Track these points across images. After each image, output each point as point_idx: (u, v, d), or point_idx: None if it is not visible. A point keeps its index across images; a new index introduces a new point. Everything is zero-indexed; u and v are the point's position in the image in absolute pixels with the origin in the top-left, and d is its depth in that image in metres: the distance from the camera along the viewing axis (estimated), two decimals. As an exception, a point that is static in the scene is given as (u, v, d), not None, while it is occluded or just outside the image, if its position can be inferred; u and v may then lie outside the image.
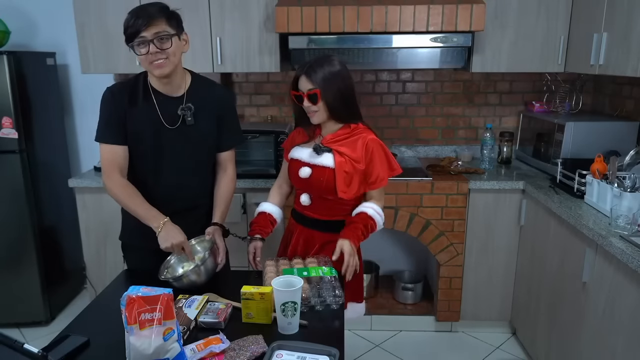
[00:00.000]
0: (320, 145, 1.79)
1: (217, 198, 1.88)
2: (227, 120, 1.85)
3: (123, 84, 1.76)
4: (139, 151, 1.75)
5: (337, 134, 1.80)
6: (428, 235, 2.71)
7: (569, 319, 2.14)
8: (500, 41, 2.72)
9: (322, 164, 1.78)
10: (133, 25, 1.57)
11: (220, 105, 1.83)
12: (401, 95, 3.21)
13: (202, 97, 1.78)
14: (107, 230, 2.74)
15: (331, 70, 1.71)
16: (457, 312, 2.83)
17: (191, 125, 1.75)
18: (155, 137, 1.73)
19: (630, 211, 1.85)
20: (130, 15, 1.59)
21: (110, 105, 1.71)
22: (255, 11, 2.72)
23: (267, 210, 1.92)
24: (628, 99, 2.74)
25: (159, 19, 1.59)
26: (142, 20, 1.56)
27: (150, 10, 1.59)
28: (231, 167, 1.92)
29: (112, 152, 1.71)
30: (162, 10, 1.62)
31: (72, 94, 3.33)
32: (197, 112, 1.75)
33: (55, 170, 3.12)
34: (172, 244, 1.61)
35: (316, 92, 1.70)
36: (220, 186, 1.89)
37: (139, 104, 1.71)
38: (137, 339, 1.13)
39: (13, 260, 2.91)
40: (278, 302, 1.33)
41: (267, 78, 3.21)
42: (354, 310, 1.96)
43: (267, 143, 2.77)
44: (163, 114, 1.72)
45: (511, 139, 3.04)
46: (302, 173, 1.80)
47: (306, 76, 1.71)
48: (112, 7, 2.73)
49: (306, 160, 1.81)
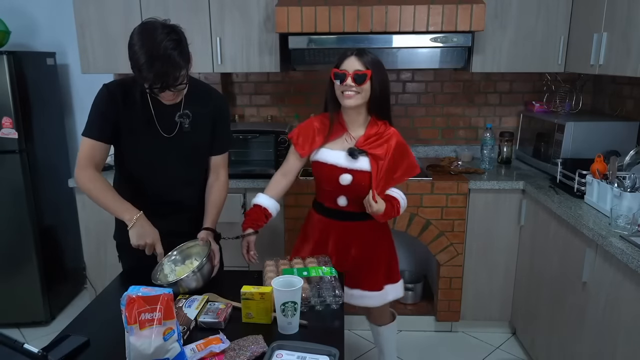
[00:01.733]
0: (354, 148, 1.79)
1: (208, 204, 1.83)
2: (221, 126, 1.82)
3: (120, 83, 1.70)
4: (132, 158, 1.73)
5: (368, 135, 1.81)
6: (428, 235, 2.71)
7: (569, 319, 2.14)
8: (500, 41, 2.72)
9: (361, 169, 1.79)
10: (157, 83, 1.49)
11: (216, 111, 1.80)
12: (401, 95, 3.21)
13: (200, 104, 1.74)
14: (107, 230, 2.71)
15: (380, 61, 1.77)
16: (457, 312, 2.83)
17: (187, 133, 1.71)
18: (151, 145, 1.70)
19: (630, 211, 1.85)
20: (149, 68, 1.46)
21: (103, 102, 1.67)
22: (255, 11, 2.72)
23: (263, 204, 1.88)
24: (628, 99, 2.74)
25: (181, 71, 1.52)
26: (166, 83, 1.50)
27: (173, 70, 1.49)
28: (223, 173, 1.88)
29: (93, 148, 1.67)
30: (182, 56, 1.51)
31: (72, 94, 3.33)
32: (194, 118, 1.71)
33: (55, 170, 3.12)
34: (146, 243, 1.60)
35: (367, 73, 1.71)
36: (212, 192, 1.85)
37: (136, 109, 1.67)
38: (137, 339, 1.13)
39: (13, 260, 2.90)
40: (278, 302, 1.33)
41: (267, 78, 3.21)
42: (395, 290, 2.04)
43: (267, 143, 2.77)
44: (160, 122, 1.69)
45: (511, 139, 3.04)
46: (344, 180, 1.81)
47: (357, 57, 1.73)
48: (112, 7, 2.73)
49: (344, 165, 1.80)
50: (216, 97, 1.83)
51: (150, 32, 1.49)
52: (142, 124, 1.68)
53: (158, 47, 1.46)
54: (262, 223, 1.86)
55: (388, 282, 2.02)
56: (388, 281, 2.02)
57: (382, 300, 2.03)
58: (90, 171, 1.66)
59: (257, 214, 1.87)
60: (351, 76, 1.72)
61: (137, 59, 1.48)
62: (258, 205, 1.89)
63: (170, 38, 1.48)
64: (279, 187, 1.96)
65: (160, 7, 2.70)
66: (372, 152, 1.79)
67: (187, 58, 1.55)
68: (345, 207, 1.89)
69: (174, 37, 1.50)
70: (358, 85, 1.72)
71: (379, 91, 1.76)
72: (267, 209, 1.88)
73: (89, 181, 1.66)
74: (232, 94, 3.24)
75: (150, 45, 1.46)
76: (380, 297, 2.02)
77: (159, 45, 1.46)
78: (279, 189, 1.96)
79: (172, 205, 1.80)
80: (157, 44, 1.46)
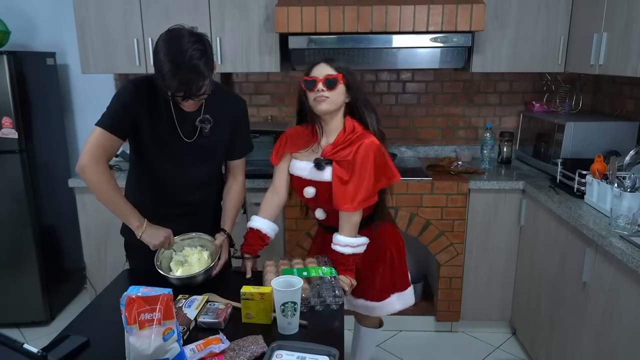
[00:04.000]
0: (321, 159, 1.72)
1: (227, 205, 1.85)
2: (240, 129, 1.82)
3: (145, 82, 1.65)
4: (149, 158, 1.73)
5: (336, 142, 1.71)
6: (428, 235, 2.71)
7: (569, 319, 2.14)
8: (500, 41, 2.72)
9: (325, 180, 1.71)
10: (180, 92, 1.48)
11: (236, 115, 1.80)
12: (401, 95, 3.21)
13: (220, 108, 1.73)
14: (107, 230, 2.74)
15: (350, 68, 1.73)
16: (457, 312, 2.83)
17: (206, 137, 1.71)
18: (171, 149, 1.70)
19: (630, 211, 1.85)
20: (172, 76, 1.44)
21: (128, 96, 1.62)
22: (255, 11, 2.72)
23: (256, 226, 1.81)
24: (628, 99, 2.74)
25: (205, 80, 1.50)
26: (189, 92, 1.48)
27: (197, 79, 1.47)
28: (241, 175, 1.89)
29: (110, 140, 1.59)
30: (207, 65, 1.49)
31: (72, 94, 3.33)
32: (214, 123, 1.71)
33: (55, 170, 3.12)
34: (165, 237, 1.64)
35: (337, 77, 1.66)
36: (231, 193, 1.86)
37: (159, 110, 1.65)
38: (137, 339, 1.13)
39: (13, 260, 2.90)
40: (278, 302, 1.33)
41: (267, 78, 3.21)
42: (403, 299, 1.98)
43: (267, 143, 2.76)
44: (181, 126, 1.68)
45: (511, 139, 3.03)
46: (307, 193, 1.76)
47: (327, 62, 1.69)
48: (112, 6, 2.73)
49: (307, 177, 1.75)
50: (236, 101, 1.82)
51: (177, 40, 1.47)
52: (164, 127, 1.67)
53: (183, 56, 1.44)
54: (258, 247, 1.79)
55: (395, 290, 1.96)
56: (395, 289, 1.96)
57: (388, 310, 1.97)
58: (102, 166, 1.58)
59: (252, 238, 1.80)
60: (322, 81, 1.66)
61: (162, 66, 1.46)
62: (251, 229, 1.82)
63: (197, 48, 1.46)
64: (271, 206, 1.87)
65: (160, 7, 2.70)
66: (337, 159, 1.69)
67: (211, 67, 1.53)
68: (325, 221, 1.85)
69: (200, 47, 1.48)
70: (329, 89, 1.65)
71: (356, 90, 1.71)
72: (261, 230, 1.80)
73: (99, 176, 1.58)
74: (232, 94, 3.24)
75: (176, 53, 1.44)
76: (386, 307, 1.96)
77: (184, 53, 1.44)
78: (271, 209, 1.87)
79: (182, 208, 1.80)
80: (183, 52, 1.44)
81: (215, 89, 1.70)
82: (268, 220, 1.83)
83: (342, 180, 1.67)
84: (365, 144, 1.67)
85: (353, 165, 1.66)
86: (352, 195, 1.66)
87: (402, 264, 1.99)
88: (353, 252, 1.72)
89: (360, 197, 1.66)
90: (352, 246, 1.72)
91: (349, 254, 1.72)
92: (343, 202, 1.67)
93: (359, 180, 1.66)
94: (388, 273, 1.93)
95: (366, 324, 2.14)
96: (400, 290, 1.99)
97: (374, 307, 1.95)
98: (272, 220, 1.85)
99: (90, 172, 1.58)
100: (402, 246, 1.99)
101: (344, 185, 1.67)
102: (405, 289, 2.00)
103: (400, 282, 1.98)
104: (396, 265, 1.95)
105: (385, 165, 1.72)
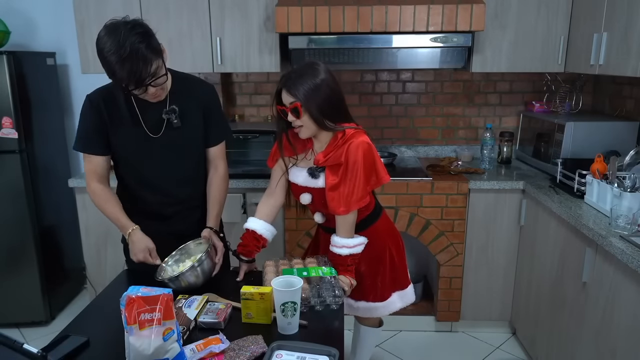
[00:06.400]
0: (314, 167, 1.71)
1: (210, 199, 1.81)
2: (213, 115, 1.78)
3: (102, 91, 1.68)
4: (126, 163, 1.73)
5: (327, 150, 1.69)
6: (428, 235, 2.71)
7: (569, 319, 2.14)
8: (500, 41, 2.72)
9: (320, 187, 1.71)
10: (132, 81, 1.47)
11: (205, 100, 1.75)
12: (401, 95, 3.21)
13: (186, 96, 1.71)
14: (107, 230, 2.74)
15: (314, 82, 1.59)
16: (457, 312, 2.83)
17: (178, 129, 1.68)
18: (140, 149, 1.68)
19: (630, 211, 1.85)
20: (120, 68, 1.44)
21: (89, 115, 1.66)
22: (255, 11, 2.72)
23: (251, 228, 1.79)
24: (628, 99, 2.74)
25: (152, 63, 1.48)
26: (141, 79, 1.47)
27: (145, 63, 1.45)
28: (222, 164, 1.84)
29: (90, 162, 1.70)
30: (150, 48, 1.47)
31: (72, 94, 3.33)
32: (183, 113, 1.68)
33: (55, 170, 3.12)
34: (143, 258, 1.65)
35: (297, 106, 1.59)
36: (212, 186, 1.82)
37: (121, 114, 1.65)
38: (137, 339, 1.13)
39: (13, 260, 2.91)
40: (278, 302, 1.33)
41: (267, 78, 3.21)
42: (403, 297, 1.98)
43: (267, 143, 2.77)
44: (146, 123, 1.67)
45: (511, 139, 3.03)
46: (304, 200, 1.77)
47: (286, 90, 1.61)
48: (112, 6, 2.73)
49: (303, 184, 1.75)
50: (203, 87, 1.79)
51: (114, 32, 1.46)
52: (129, 126, 1.66)
53: (124, 45, 1.43)
54: (252, 248, 1.78)
55: (395, 289, 1.96)
56: (395, 288, 1.96)
57: (390, 309, 1.96)
58: (93, 184, 1.72)
59: (247, 239, 1.79)
60: (289, 111, 1.62)
61: (108, 62, 1.46)
62: (247, 230, 1.81)
63: (135, 32, 1.46)
64: (267, 207, 1.85)
65: (160, 7, 2.70)
66: (329, 166, 1.68)
67: (157, 49, 1.51)
68: (325, 224, 1.85)
69: (139, 30, 1.47)
70: (298, 118, 1.62)
71: (320, 115, 1.62)
72: (256, 231, 1.78)
73: (92, 195, 1.73)
74: (232, 94, 3.24)
75: (117, 44, 1.43)
76: (387, 307, 1.95)
77: (124, 42, 1.43)
78: (267, 210, 1.84)
79: (174, 207, 1.79)
80: (123, 41, 1.43)
81: (179, 80, 1.71)
82: (264, 222, 1.81)
83: (334, 186, 1.67)
84: (354, 143, 1.64)
85: (345, 165, 1.65)
86: (345, 198, 1.66)
87: (401, 262, 1.99)
88: (350, 252, 1.72)
89: (353, 197, 1.66)
90: (349, 247, 1.72)
91: (346, 255, 1.72)
92: (337, 207, 1.67)
93: (351, 180, 1.65)
94: (389, 272, 1.94)
95: (366, 323, 2.14)
96: (401, 288, 1.99)
97: (376, 308, 1.95)
98: (268, 221, 1.83)
99: (92, 196, 1.73)
100: (401, 244, 2.00)
101: (336, 191, 1.67)
102: (406, 287, 2.01)
103: (401, 281, 1.99)
104: (396, 264, 1.96)
105: (375, 164, 1.71)
